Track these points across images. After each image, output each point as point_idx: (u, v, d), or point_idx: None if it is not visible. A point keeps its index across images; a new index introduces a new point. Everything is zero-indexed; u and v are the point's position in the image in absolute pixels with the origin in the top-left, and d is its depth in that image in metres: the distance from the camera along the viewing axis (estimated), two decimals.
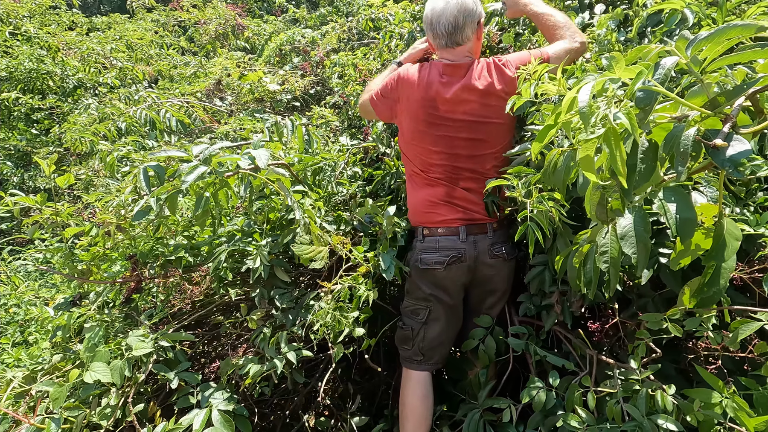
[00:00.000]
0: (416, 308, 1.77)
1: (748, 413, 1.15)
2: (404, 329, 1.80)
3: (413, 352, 1.77)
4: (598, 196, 0.92)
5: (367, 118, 2.10)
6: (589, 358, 1.54)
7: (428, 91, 1.63)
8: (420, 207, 1.72)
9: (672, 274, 1.32)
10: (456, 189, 1.67)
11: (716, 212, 0.92)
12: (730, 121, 0.71)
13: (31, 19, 5.57)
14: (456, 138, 1.64)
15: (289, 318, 1.66)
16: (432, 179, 1.69)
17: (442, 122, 1.64)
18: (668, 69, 0.75)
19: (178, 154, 1.41)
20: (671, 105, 0.80)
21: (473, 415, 1.65)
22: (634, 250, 0.83)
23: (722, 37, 0.73)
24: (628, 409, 1.31)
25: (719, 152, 0.69)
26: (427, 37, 1.72)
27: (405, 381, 1.81)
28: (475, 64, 1.65)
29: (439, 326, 1.76)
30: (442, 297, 1.73)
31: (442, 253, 1.67)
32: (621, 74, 0.78)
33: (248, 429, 1.50)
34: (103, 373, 1.38)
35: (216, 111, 3.35)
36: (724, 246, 0.88)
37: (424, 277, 1.72)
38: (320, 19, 4.85)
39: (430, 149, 1.66)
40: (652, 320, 1.31)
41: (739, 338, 1.16)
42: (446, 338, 1.79)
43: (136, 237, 1.78)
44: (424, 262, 1.69)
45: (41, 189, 4.56)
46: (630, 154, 0.77)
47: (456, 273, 1.69)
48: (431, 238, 1.70)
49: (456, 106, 1.62)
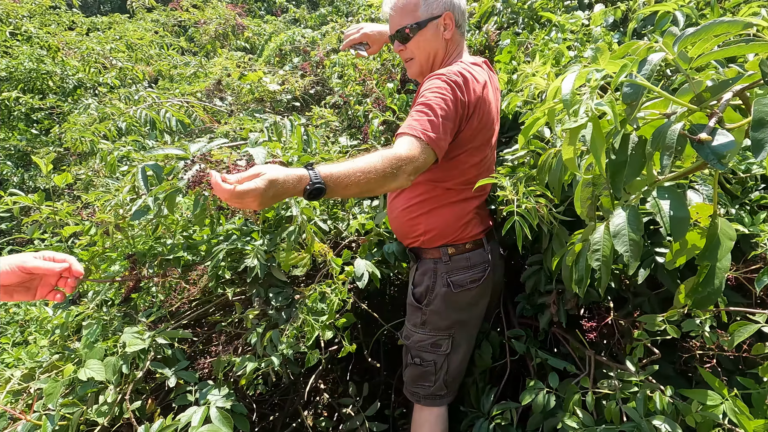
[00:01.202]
0: (437, 340, 1.58)
1: (748, 417, 1.15)
2: (424, 366, 1.60)
3: (437, 388, 1.60)
4: (588, 193, 0.92)
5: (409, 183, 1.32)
6: (587, 359, 1.54)
7: (495, 94, 1.54)
8: (448, 226, 1.53)
9: (668, 274, 1.32)
10: (484, 196, 1.60)
11: (711, 212, 0.92)
12: (716, 116, 0.71)
13: (31, 19, 5.58)
14: (493, 140, 1.57)
15: (282, 316, 1.67)
16: (468, 193, 1.53)
17: (495, 125, 1.55)
18: (654, 64, 0.75)
19: (176, 152, 1.41)
20: (661, 102, 0.81)
21: (481, 423, 1.60)
22: (626, 248, 0.83)
23: (709, 33, 0.73)
24: (627, 410, 1.31)
25: (704, 146, 0.70)
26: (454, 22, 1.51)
27: (421, 417, 1.62)
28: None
29: (462, 352, 1.61)
30: (467, 319, 1.59)
31: (476, 270, 1.54)
32: (606, 66, 0.79)
33: (246, 427, 1.50)
34: (97, 371, 1.38)
35: (216, 111, 3.35)
36: (718, 246, 0.88)
37: (457, 301, 1.55)
38: (320, 19, 4.86)
39: (489, 157, 1.55)
40: (650, 322, 1.31)
41: (736, 341, 1.17)
42: (467, 364, 1.66)
43: (135, 236, 1.79)
44: (458, 283, 1.53)
45: (41, 189, 4.57)
46: (619, 150, 0.77)
47: (486, 288, 1.58)
48: (460, 257, 1.54)
49: (498, 106, 1.58)
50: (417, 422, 1.64)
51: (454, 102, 1.33)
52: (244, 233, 1.77)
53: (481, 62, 1.54)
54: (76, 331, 1.74)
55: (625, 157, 0.77)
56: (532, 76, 1.34)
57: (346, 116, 2.62)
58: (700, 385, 1.27)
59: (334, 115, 2.52)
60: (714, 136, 0.70)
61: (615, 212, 0.89)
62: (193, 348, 1.83)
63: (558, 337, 1.75)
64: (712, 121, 0.71)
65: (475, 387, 1.74)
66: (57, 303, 1.91)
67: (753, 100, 0.67)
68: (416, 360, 1.61)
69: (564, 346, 1.70)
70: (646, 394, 1.30)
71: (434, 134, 1.28)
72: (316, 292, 1.56)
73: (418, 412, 1.64)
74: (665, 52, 0.77)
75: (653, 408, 1.28)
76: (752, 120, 0.66)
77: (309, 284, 1.99)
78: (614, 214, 0.89)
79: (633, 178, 0.77)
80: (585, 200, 0.99)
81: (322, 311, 1.54)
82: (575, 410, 1.38)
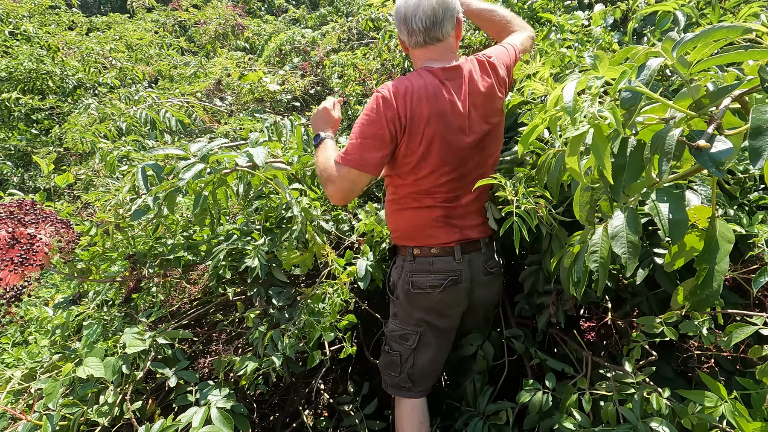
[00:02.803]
0: (405, 333, 1.62)
1: (747, 419, 1.15)
2: (391, 355, 1.65)
3: (401, 379, 1.64)
4: (587, 197, 0.93)
5: (343, 201, 1.49)
6: (584, 360, 1.54)
7: (436, 104, 1.41)
8: (415, 229, 1.55)
9: (667, 275, 1.33)
10: (456, 209, 1.52)
11: (710, 214, 0.92)
12: (714, 122, 0.71)
13: (31, 18, 5.58)
14: (466, 149, 1.47)
15: (285, 316, 1.67)
16: (430, 201, 1.51)
17: (454, 135, 1.44)
18: (653, 70, 0.76)
19: (176, 152, 1.41)
20: (660, 107, 0.81)
21: (476, 422, 1.61)
22: (624, 250, 0.84)
23: (708, 39, 0.73)
24: (623, 411, 1.31)
25: (702, 153, 0.70)
26: (399, 35, 1.52)
27: (398, 409, 1.69)
28: (470, 63, 1.50)
29: (430, 352, 1.62)
30: (436, 322, 1.59)
31: (437, 276, 1.53)
32: (605, 73, 0.79)
33: (247, 427, 1.50)
34: (96, 369, 1.38)
35: (216, 111, 3.36)
36: (716, 248, 0.88)
37: (416, 301, 1.57)
38: (320, 19, 4.86)
39: (440, 169, 1.46)
40: (648, 323, 1.31)
41: (733, 342, 1.17)
42: (437, 366, 1.68)
43: (135, 237, 1.79)
44: (417, 285, 1.54)
45: (41, 189, 4.57)
46: (618, 154, 0.77)
47: (453, 297, 1.56)
48: (423, 259, 1.54)
49: (469, 113, 1.46)
50: (395, 414, 1.71)
51: (376, 120, 1.40)
52: (245, 233, 1.77)
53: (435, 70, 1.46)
54: (76, 331, 1.74)
55: (624, 161, 0.78)
56: (532, 75, 1.34)
57: (346, 116, 2.63)
58: (699, 386, 1.27)
59: None
60: (712, 143, 0.70)
61: (614, 214, 0.89)
62: (194, 348, 1.83)
63: (555, 338, 1.75)
64: (710, 128, 0.71)
65: (472, 386, 1.74)
66: (57, 303, 1.92)
67: (752, 105, 0.67)
68: (386, 348, 1.68)
69: (562, 347, 1.70)
70: (643, 396, 1.31)
71: (351, 155, 1.40)
72: (319, 292, 1.56)
73: (396, 404, 1.70)
74: (664, 57, 0.77)
75: (650, 410, 1.28)
76: (750, 128, 0.66)
77: (309, 284, 2.00)
78: (613, 216, 0.89)
79: (632, 182, 0.77)
80: (584, 204, 0.99)
81: (324, 312, 1.54)
82: (572, 411, 1.38)
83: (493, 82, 1.50)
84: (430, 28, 1.43)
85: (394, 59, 2.51)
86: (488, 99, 1.49)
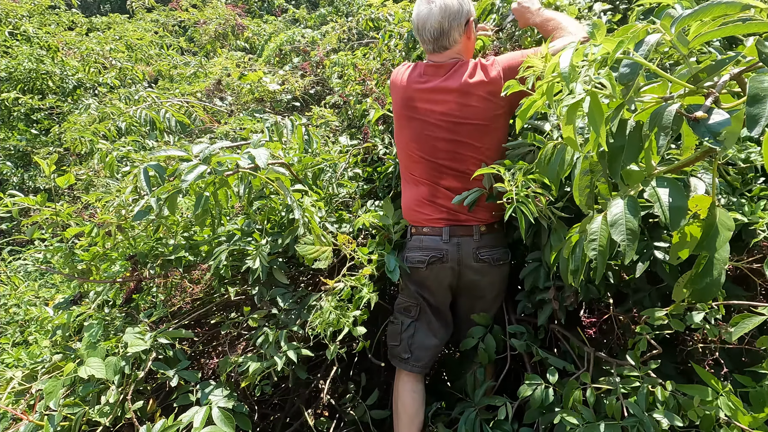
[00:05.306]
0: (408, 305, 1.80)
1: (742, 411, 1.16)
2: (395, 323, 1.83)
3: (402, 348, 1.78)
4: (586, 181, 0.92)
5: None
6: (587, 356, 1.54)
7: (407, 90, 1.66)
8: (409, 205, 1.74)
9: (668, 269, 1.32)
10: (438, 189, 1.66)
11: (710, 203, 0.91)
12: (712, 96, 0.72)
13: (30, 19, 5.58)
14: (435, 138, 1.63)
15: (291, 318, 1.67)
16: (416, 178, 1.70)
17: (420, 121, 1.64)
18: (652, 45, 0.76)
19: (178, 153, 1.41)
20: (659, 86, 0.81)
21: (469, 413, 1.65)
22: (623, 237, 0.83)
23: (707, 14, 0.73)
24: (628, 405, 1.31)
25: (699, 124, 0.70)
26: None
27: (397, 379, 1.83)
28: (459, 64, 1.62)
29: (426, 326, 1.78)
30: (428, 297, 1.76)
31: (424, 253, 1.68)
32: (603, 42, 0.79)
33: (248, 426, 1.50)
34: (97, 369, 1.39)
35: (216, 111, 3.36)
36: (716, 235, 0.87)
37: (411, 275, 1.74)
38: (320, 19, 4.86)
39: (412, 147, 1.68)
40: (653, 316, 1.30)
41: (739, 333, 1.16)
42: (434, 344, 1.78)
43: (136, 237, 1.79)
44: (409, 260, 1.72)
45: (41, 189, 4.57)
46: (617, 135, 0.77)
47: (439, 274, 1.69)
48: (416, 237, 1.72)
49: (433, 106, 1.62)
50: (395, 379, 1.84)
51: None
52: (246, 234, 1.77)
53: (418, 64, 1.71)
54: (77, 332, 1.74)
55: (623, 142, 0.78)
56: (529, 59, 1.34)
57: (346, 116, 2.63)
58: (700, 383, 1.27)
59: (334, 115, 2.52)
60: (710, 115, 0.71)
61: (613, 202, 0.89)
62: (194, 348, 1.83)
63: (557, 335, 1.75)
64: (708, 101, 0.71)
65: (473, 378, 1.77)
66: (58, 303, 1.92)
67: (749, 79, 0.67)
68: (393, 318, 1.87)
69: (563, 344, 1.70)
70: (648, 389, 1.30)
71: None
72: (348, 286, 1.57)
73: (397, 372, 1.84)
74: (663, 32, 0.77)
75: (655, 403, 1.28)
76: (748, 96, 0.66)
77: (311, 284, 2.00)
78: (612, 203, 0.89)
79: (631, 162, 0.77)
80: (583, 189, 0.99)
81: (344, 306, 1.55)
82: (575, 406, 1.38)
83: (474, 82, 1.57)
84: (438, 38, 1.61)
85: (394, 59, 2.50)
86: (462, 96, 1.58)
